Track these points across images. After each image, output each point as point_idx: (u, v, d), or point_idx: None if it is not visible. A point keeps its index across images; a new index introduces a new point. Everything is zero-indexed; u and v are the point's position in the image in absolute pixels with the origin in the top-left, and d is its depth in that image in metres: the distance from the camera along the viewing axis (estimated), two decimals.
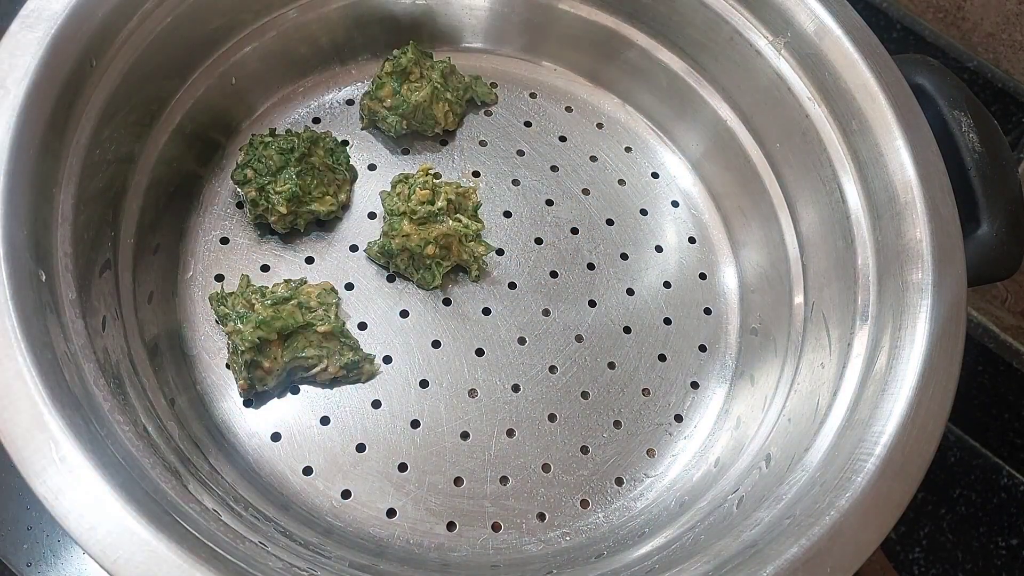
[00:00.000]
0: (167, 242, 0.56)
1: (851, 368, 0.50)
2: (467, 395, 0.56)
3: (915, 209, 0.50)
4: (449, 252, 0.58)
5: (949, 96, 0.55)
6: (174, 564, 0.36)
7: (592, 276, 0.62)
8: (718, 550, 0.44)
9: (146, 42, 0.51)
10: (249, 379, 0.52)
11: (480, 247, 0.59)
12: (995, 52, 0.75)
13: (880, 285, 0.51)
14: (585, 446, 0.56)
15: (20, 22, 0.45)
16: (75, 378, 0.40)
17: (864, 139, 0.54)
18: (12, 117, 0.42)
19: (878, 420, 0.45)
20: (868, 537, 0.42)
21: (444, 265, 0.58)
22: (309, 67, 0.64)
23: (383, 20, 0.65)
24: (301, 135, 0.57)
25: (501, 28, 0.68)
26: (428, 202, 0.56)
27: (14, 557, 0.59)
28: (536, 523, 0.53)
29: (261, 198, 0.56)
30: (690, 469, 0.56)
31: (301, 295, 0.54)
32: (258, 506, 0.48)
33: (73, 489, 0.36)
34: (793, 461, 0.48)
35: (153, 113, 0.55)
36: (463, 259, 0.58)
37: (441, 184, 0.58)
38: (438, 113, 0.62)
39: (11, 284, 0.39)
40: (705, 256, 0.64)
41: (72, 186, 0.45)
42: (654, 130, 0.68)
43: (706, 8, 0.60)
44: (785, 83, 0.58)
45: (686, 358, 0.60)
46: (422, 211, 0.56)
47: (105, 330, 0.46)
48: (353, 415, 0.54)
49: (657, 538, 0.51)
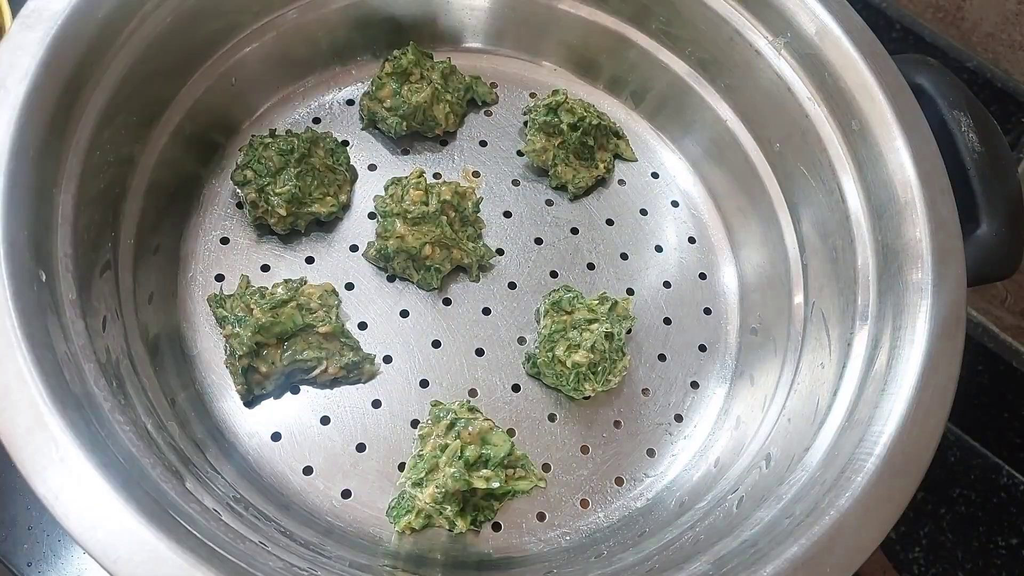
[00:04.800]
0: (167, 242, 0.56)
1: (851, 368, 0.50)
2: (467, 395, 0.56)
3: (915, 209, 0.50)
4: (449, 254, 0.58)
5: (949, 96, 0.56)
6: (174, 564, 0.36)
7: (592, 276, 0.62)
8: (718, 550, 0.44)
9: (146, 43, 0.51)
10: (246, 384, 0.52)
11: (480, 248, 0.59)
12: (995, 52, 0.75)
13: (880, 285, 0.51)
14: (585, 446, 0.56)
15: (20, 22, 0.45)
16: (75, 378, 0.40)
17: (864, 139, 0.54)
18: (12, 117, 0.42)
19: (878, 420, 0.45)
20: (868, 537, 0.42)
21: (445, 268, 0.58)
22: (309, 67, 0.64)
23: (383, 21, 0.65)
24: (301, 136, 0.57)
25: (501, 28, 0.68)
26: (422, 203, 0.56)
27: (14, 557, 0.59)
28: (536, 523, 0.53)
29: (261, 199, 0.56)
30: (690, 469, 0.56)
31: (302, 296, 0.54)
32: (258, 506, 0.48)
33: (73, 489, 0.36)
34: (793, 461, 0.48)
35: (153, 114, 0.55)
36: (464, 262, 0.58)
37: (436, 184, 0.58)
38: (439, 114, 0.62)
39: (11, 284, 0.39)
40: (705, 256, 0.64)
41: (72, 187, 0.45)
42: (654, 130, 0.68)
43: (706, 8, 0.60)
44: (785, 83, 0.58)
45: (686, 358, 0.60)
46: (415, 211, 0.56)
47: (105, 330, 0.46)
48: (353, 415, 0.54)
49: (657, 538, 0.51)
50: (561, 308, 0.57)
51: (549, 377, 0.56)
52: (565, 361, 0.54)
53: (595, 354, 0.54)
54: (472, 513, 0.51)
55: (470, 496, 0.51)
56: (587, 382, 0.55)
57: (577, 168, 0.63)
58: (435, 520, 0.50)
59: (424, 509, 0.50)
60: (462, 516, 0.50)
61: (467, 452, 0.50)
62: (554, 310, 0.57)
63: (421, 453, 0.51)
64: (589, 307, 0.56)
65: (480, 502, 0.52)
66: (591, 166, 0.64)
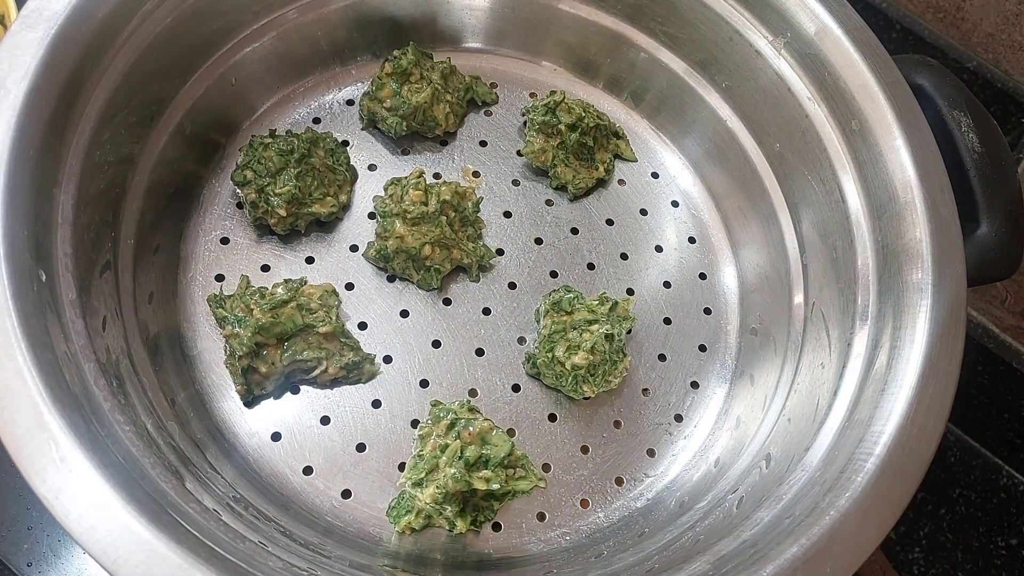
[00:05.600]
0: (167, 242, 0.56)
1: (851, 368, 0.50)
2: (467, 395, 0.56)
3: (915, 209, 0.50)
4: (449, 254, 0.58)
5: (949, 96, 0.55)
6: (174, 564, 0.36)
7: (592, 276, 0.62)
8: (718, 550, 0.44)
9: (146, 43, 0.51)
10: (246, 384, 0.52)
11: (480, 248, 0.59)
12: (995, 52, 0.75)
13: (880, 285, 0.51)
14: (585, 446, 0.56)
15: (20, 22, 0.45)
16: (75, 378, 0.40)
17: (864, 139, 0.54)
18: (12, 117, 0.42)
19: (878, 420, 0.45)
20: (868, 537, 0.42)
21: (445, 268, 0.58)
22: (309, 67, 0.64)
23: (383, 21, 0.65)
24: (301, 136, 0.57)
25: (501, 28, 0.68)
26: (422, 203, 0.56)
27: (14, 557, 0.59)
28: (536, 523, 0.53)
29: (261, 199, 0.56)
30: (690, 469, 0.56)
31: (302, 296, 0.54)
32: (258, 506, 0.48)
33: (73, 489, 0.36)
34: (793, 461, 0.48)
35: (153, 114, 0.55)
36: (464, 262, 0.58)
37: (435, 185, 0.58)
38: (439, 114, 0.62)
39: (11, 284, 0.39)
40: (705, 256, 0.64)
41: (72, 186, 0.45)
42: (654, 130, 0.68)
43: (706, 8, 0.60)
44: (785, 83, 0.58)
45: (686, 358, 0.60)
46: (415, 211, 0.56)
47: (105, 330, 0.46)
48: (353, 415, 0.54)
49: (657, 538, 0.51)
50: (561, 308, 0.57)
51: (549, 377, 0.56)
52: (565, 362, 0.54)
53: (595, 355, 0.54)
54: (472, 513, 0.51)
55: (470, 496, 0.51)
56: (586, 383, 0.55)
57: (577, 169, 0.63)
58: (435, 520, 0.50)
59: (424, 509, 0.50)
60: (462, 516, 0.50)
61: (467, 452, 0.50)
62: (554, 310, 0.57)
63: (421, 453, 0.51)
64: (589, 307, 0.56)
65: (480, 502, 0.52)
66: (591, 167, 0.64)
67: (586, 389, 0.55)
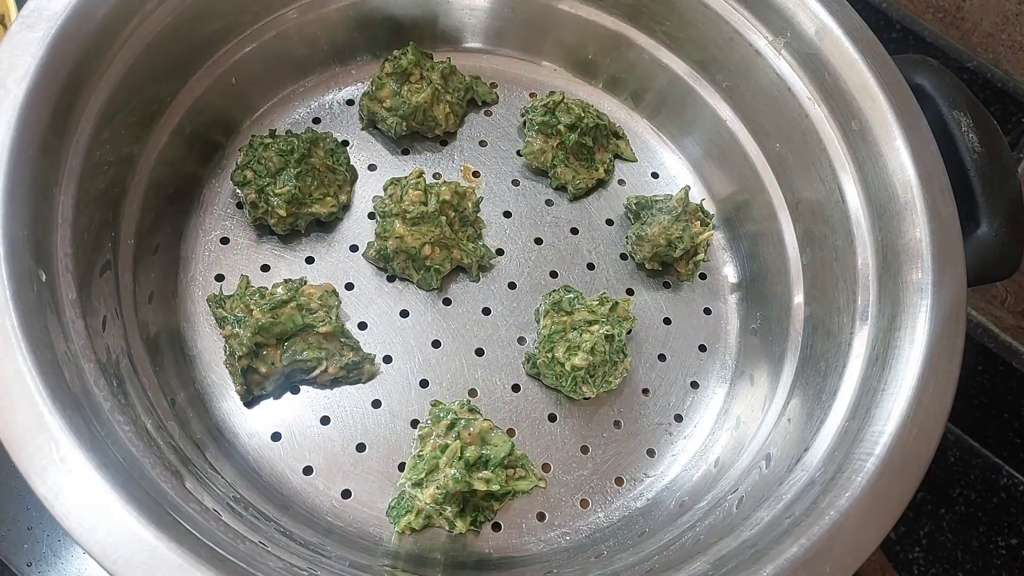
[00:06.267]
0: (167, 242, 0.56)
1: (851, 368, 0.50)
2: (467, 395, 0.56)
3: (915, 209, 0.50)
4: (449, 254, 0.58)
5: (949, 96, 0.56)
6: (174, 564, 0.36)
7: (592, 276, 0.62)
8: (718, 550, 0.44)
9: (146, 43, 0.51)
10: (246, 384, 0.52)
11: (480, 248, 0.59)
12: (995, 52, 0.75)
13: (880, 285, 0.51)
14: (585, 446, 0.56)
15: (20, 22, 0.45)
16: (75, 378, 0.40)
17: (864, 139, 0.54)
18: (12, 117, 0.42)
19: (878, 420, 0.45)
20: (868, 537, 0.42)
21: (445, 268, 0.58)
22: (309, 67, 0.64)
23: (383, 21, 0.65)
24: (301, 136, 0.57)
25: (501, 28, 0.68)
26: (421, 203, 0.56)
27: (14, 557, 0.59)
28: (536, 523, 0.53)
29: (261, 200, 0.56)
30: (690, 469, 0.56)
31: (302, 296, 0.54)
32: (258, 506, 0.48)
33: (73, 489, 0.36)
34: (793, 461, 0.48)
35: (153, 114, 0.55)
36: (464, 262, 0.58)
37: (435, 185, 0.58)
38: (439, 115, 0.62)
39: (11, 284, 0.39)
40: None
41: (72, 186, 0.45)
42: (654, 130, 0.68)
43: (706, 8, 0.60)
44: (785, 83, 0.58)
45: (686, 358, 0.60)
46: (415, 211, 0.56)
47: (105, 330, 0.46)
48: (353, 415, 0.54)
49: (657, 538, 0.51)
50: (561, 309, 0.56)
51: (549, 378, 0.56)
52: (565, 363, 0.54)
53: (595, 357, 0.54)
54: (472, 513, 0.51)
55: (470, 496, 0.51)
56: (586, 385, 0.55)
57: (577, 169, 0.63)
58: (435, 520, 0.50)
59: (424, 509, 0.50)
60: (462, 517, 0.50)
61: (467, 452, 0.50)
62: (554, 310, 0.57)
63: (421, 453, 0.51)
64: (589, 308, 0.56)
65: (480, 502, 0.52)
66: (591, 167, 0.64)
67: (586, 390, 0.55)
